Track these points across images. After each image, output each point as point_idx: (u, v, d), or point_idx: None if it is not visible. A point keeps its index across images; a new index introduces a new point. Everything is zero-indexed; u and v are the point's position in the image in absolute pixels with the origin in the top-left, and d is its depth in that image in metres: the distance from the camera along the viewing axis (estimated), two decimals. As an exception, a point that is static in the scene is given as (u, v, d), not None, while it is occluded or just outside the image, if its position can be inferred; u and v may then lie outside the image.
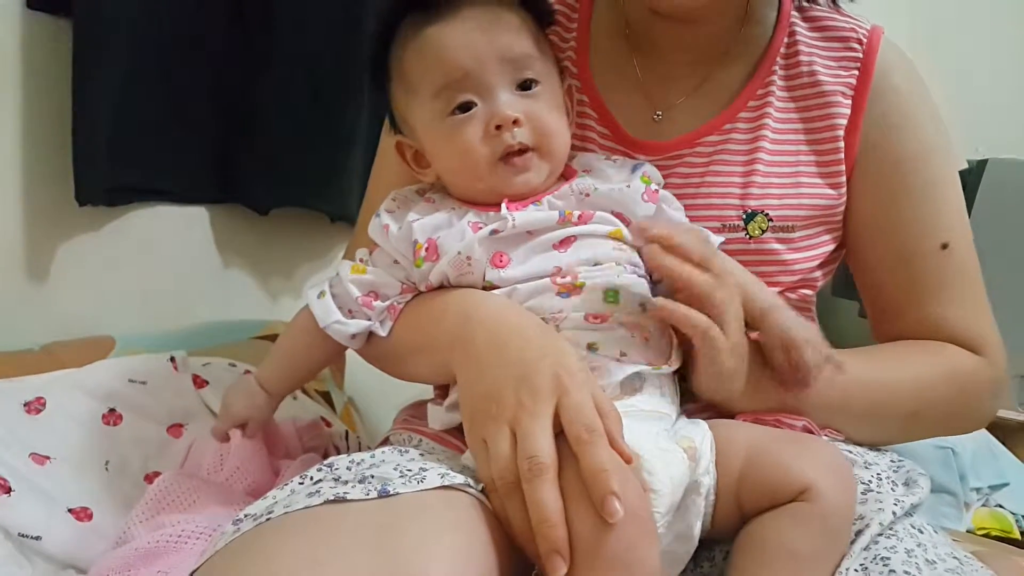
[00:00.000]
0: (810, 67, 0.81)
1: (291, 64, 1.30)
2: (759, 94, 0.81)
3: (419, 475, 0.58)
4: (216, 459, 0.91)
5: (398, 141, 0.78)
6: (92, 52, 1.09)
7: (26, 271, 1.16)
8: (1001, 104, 2.33)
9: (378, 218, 0.75)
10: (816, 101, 0.81)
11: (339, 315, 0.73)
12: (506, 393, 0.59)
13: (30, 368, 1.01)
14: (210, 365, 1.10)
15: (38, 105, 1.13)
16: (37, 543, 0.81)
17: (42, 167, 1.14)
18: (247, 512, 0.57)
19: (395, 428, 0.81)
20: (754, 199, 0.78)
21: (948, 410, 0.79)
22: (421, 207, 0.75)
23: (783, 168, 0.79)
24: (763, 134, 0.80)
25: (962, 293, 0.81)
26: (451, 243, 0.70)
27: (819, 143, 0.80)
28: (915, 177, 0.80)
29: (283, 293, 1.47)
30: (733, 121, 0.80)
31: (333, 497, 0.55)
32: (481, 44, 0.70)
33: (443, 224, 0.71)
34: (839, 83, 0.80)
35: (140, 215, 1.26)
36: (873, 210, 0.80)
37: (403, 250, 0.72)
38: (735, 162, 0.79)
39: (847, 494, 0.61)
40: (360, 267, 0.75)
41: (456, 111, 0.70)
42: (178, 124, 1.24)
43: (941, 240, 0.80)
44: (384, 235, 0.73)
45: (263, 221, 1.37)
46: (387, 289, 0.74)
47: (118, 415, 0.97)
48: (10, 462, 0.86)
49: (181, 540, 0.75)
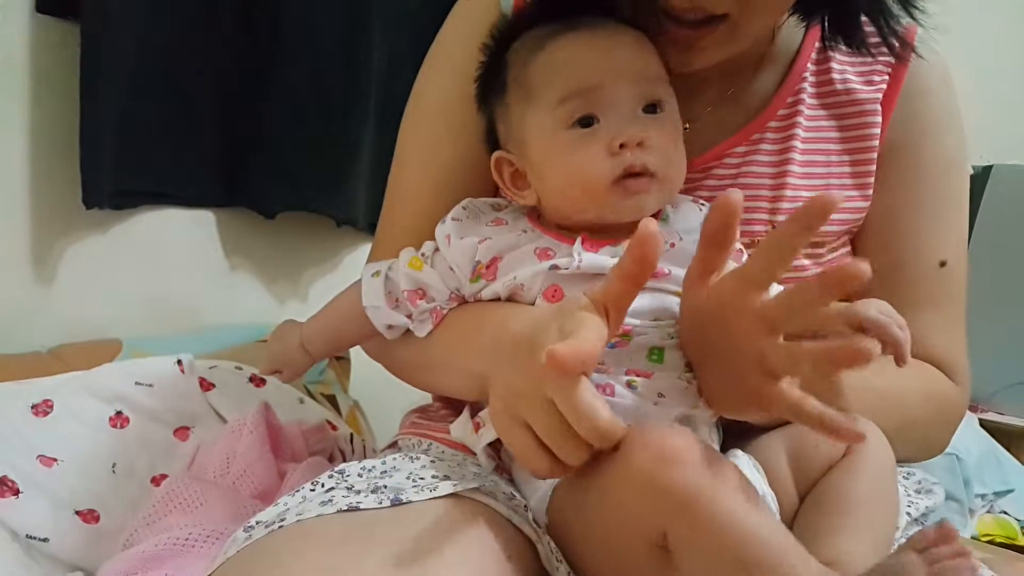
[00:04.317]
0: (843, 74, 0.78)
1: (297, 69, 1.30)
2: (789, 102, 0.78)
3: (431, 484, 0.58)
4: (222, 462, 0.91)
5: (498, 157, 0.71)
6: (100, 56, 1.10)
7: (33, 274, 1.17)
8: (1006, 110, 2.32)
9: (443, 225, 0.72)
10: (851, 109, 0.77)
11: (383, 302, 0.71)
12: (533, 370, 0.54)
13: (37, 371, 1.02)
14: (217, 368, 1.10)
15: (46, 108, 1.13)
16: (44, 545, 0.81)
17: (50, 170, 1.15)
18: (259, 519, 0.57)
19: (403, 432, 0.80)
20: (783, 213, 0.75)
21: (925, 432, 0.77)
22: (491, 227, 0.71)
23: (814, 180, 0.76)
24: (793, 144, 0.76)
25: (948, 315, 0.79)
26: (511, 267, 0.67)
27: (854, 152, 0.77)
28: (929, 189, 0.78)
29: (289, 296, 1.47)
30: (762, 131, 0.77)
31: (346, 507, 0.55)
32: (617, 58, 0.66)
33: (509, 246, 0.68)
34: (873, 89, 0.77)
35: (147, 218, 1.27)
36: (880, 215, 0.78)
37: (461, 264, 0.70)
38: (764, 175, 0.76)
39: (883, 443, 0.62)
40: (418, 262, 0.72)
41: (577, 124, 0.65)
42: (185, 128, 1.24)
43: (940, 257, 0.78)
44: (446, 244, 0.70)
45: (269, 225, 1.38)
46: (436, 293, 0.71)
47: (125, 418, 0.97)
48: (18, 464, 0.86)
49: (188, 544, 0.75)
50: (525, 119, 0.68)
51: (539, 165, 0.68)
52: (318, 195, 1.37)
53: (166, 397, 1.02)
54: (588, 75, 0.65)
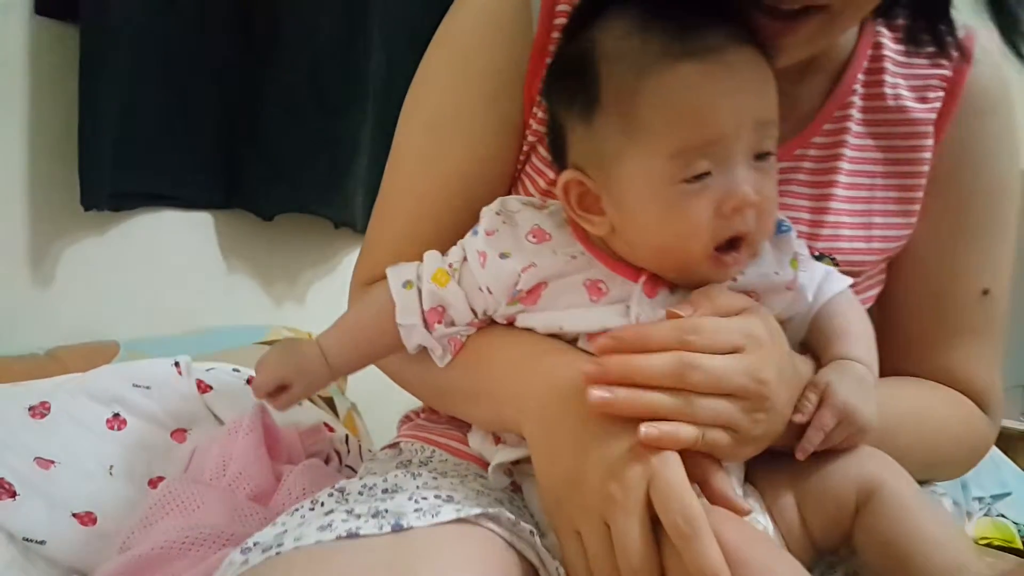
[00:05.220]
0: (895, 88, 0.71)
1: (296, 71, 1.30)
2: (837, 116, 0.70)
3: (433, 507, 0.55)
4: (218, 464, 0.91)
5: (570, 180, 0.60)
6: (99, 58, 1.10)
7: (31, 275, 1.17)
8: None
9: (475, 238, 0.64)
10: (902, 129, 0.71)
11: (419, 319, 0.64)
12: (591, 481, 0.54)
13: (35, 373, 1.02)
14: (214, 370, 1.10)
15: (45, 110, 1.13)
16: (41, 547, 0.81)
17: (48, 172, 1.15)
18: (256, 540, 0.55)
19: (405, 434, 0.78)
20: (823, 240, 0.69)
21: (953, 471, 0.76)
22: (533, 246, 0.62)
23: (856, 205, 0.70)
24: (838, 165, 0.70)
25: (987, 344, 0.75)
26: (556, 297, 0.61)
27: (902, 176, 0.71)
28: (976, 216, 0.73)
29: (287, 298, 1.47)
30: (805, 146, 0.70)
31: (346, 532, 0.52)
32: (746, 104, 0.56)
33: (556, 274, 0.61)
34: (927, 108, 0.71)
35: (145, 220, 1.27)
36: (923, 242, 0.73)
37: (498, 289, 0.62)
38: (804, 195, 0.69)
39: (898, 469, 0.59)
40: (444, 276, 0.64)
41: (690, 179, 0.56)
42: (183, 130, 1.24)
43: (984, 286, 0.74)
44: (478, 262, 0.63)
45: (267, 227, 1.38)
46: (458, 315, 0.64)
47: (122, 420, 0.97)
48: (15, 466, 0.86)
49: (184, 547, 0.75)
50: (624, 157, 0.57)
51: (632, 213, 0.58)
52: (316, 197, 1.38)
53: (164, 399, 1.01)
54: (712, 126, 0.55)
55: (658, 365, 0.54)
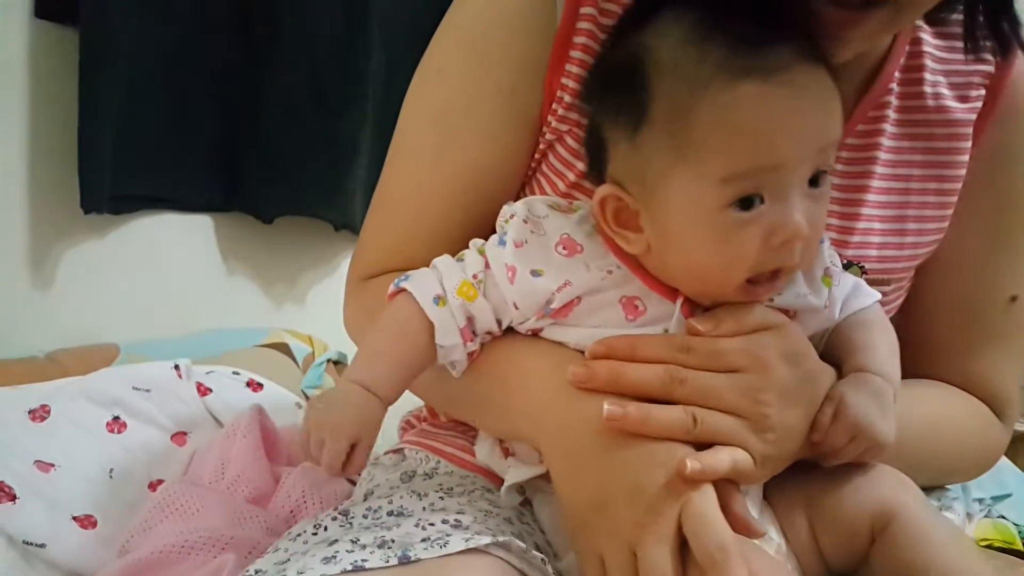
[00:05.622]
0: (935, 87, 0.68)
1: (295, 73, 1.31)
2: (871, 116, 0.67)
3: (441, 536, 0.52)
4: (217, 467, 0.91)
5: (607, 195, 0.56)
6: (98, 61, 1.10)
7: (31, 278, 1.17)
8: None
9: (502, 249, 0.59)
10: (941, 131, 0.68)
11: (459, 339, 0.60)
12: (618, 506, 0.52)
13: (35, 376, 1.02)
14: (214, 373, 1.10)
15: (44, 113, 1.13)
16: (41, 550, 0.81)
17: (48, 174, 1.15)
18: (257, 568, 0.53)
19: (410, 440, 0.75)
20: (852, 248, 0.67)
21: (963, 478, 0.76)
22: (564, 258, 0.58)
23: (889, 211, 0.68)
24: (872, 169, 0.67)
25: (1010, 350, 0.74)
26: (589, 312, 0.58)
27: (938, 180, 0.68)
28: (1010, 221, 0.71)
29: (287, 301, 1.47)
30: (836, 149, 0.66)
31: (351, 566, 0.50)
32: (808, 130, 0.52)
33: (591, 290, 0.58)
34: (967, 108, 0.68)
35: (145, 223, 1.27)
36: (953, 247, 0.71)
37: (526, 305, 0.59)
38: (833, 199, 0.64)
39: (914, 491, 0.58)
40: (471, 289, 0.59)
41: (738, 205, 0.52)
42: (183, 133, 1.24)
43: (1012, 292, 0.72)
44: (506, 276, 0.58)
45: (267, 229, 1.38)
46: (482, 327, 0.61)
47: (122, 423, 0.97)
48: (15, 469, 0.86)
49: (184, 551, 0.75)
50: (670, 177, 0.53)
51: (673, 235, 0.55)
52: (316, 199, 1.38)
53: (164, 402, 1.01)
54: (770, 154, 0.51)
55: (646, 375, 0.54)
